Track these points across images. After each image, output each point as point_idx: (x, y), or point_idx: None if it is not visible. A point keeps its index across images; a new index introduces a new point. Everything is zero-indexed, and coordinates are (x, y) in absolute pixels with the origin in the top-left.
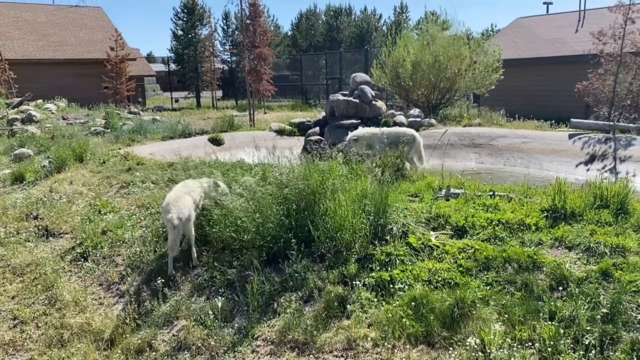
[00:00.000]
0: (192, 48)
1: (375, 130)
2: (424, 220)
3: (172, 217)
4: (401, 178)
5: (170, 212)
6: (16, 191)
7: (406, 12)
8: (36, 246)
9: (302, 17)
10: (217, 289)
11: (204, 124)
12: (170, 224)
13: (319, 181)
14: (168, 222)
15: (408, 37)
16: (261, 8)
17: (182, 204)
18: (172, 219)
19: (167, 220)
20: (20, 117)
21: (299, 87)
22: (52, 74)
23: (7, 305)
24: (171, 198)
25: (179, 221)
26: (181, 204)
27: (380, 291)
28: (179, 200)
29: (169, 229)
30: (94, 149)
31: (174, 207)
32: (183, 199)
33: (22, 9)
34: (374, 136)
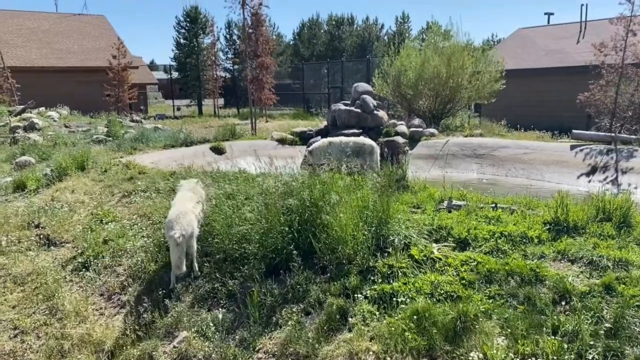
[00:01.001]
0: (195, 56)
1: (334, 139)
2: (426, 232)
3: (175, 235)
4: (403, 189)
5: (173, 229)
6: (18, 199)
7: (408, 22)
8: (37, 255)
9: (304, 26)
10: (219, 301)
11: (206, 132)
12: (173, 241)
13: (320, 192)
14: (171, 239)
15: (410, 47)
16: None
17: (186, 220)
18: (176, 237)
19: (170, 237)
20: (23, 125)
21: (301, 95)
22: (54, 81)
23: (8, 315)
24: (174, 214)
25: (182, 238)
26: (185, 220)
27: (382, 304)
28: (182, 216)
29: (171, 245)
30: (95, 157)
31: (177, 223)
32: (187, 215)
33: (26, 17)
34: (332, 145)
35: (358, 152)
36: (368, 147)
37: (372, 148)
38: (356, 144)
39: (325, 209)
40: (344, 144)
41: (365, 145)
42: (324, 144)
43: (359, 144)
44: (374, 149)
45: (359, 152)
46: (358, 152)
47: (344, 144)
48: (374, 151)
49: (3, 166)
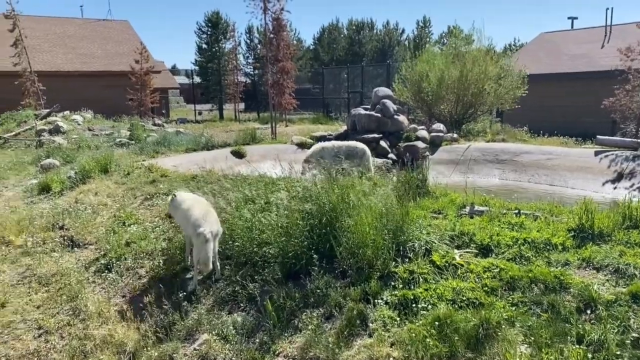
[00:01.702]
0: (216, 61)
1: (327, 144)
2: (448, 238)
3: (205, 231)
4: (423, 194)
5: (202, 226)
6: (43, 201)
7: (429, 26)
8: (61, 256)
9: (325, 31)
10: (239, 304)
11: (227, 136)
12: (202, 237)
13: (340, 196)
14: (200, 236)
15: (431, 51)
16: (284, 22)
17: (212, 218)
18: (205, 232)
19: (200, 234)
20: (48, 128)
21: (321, 100)
22: (79, 85)
23: (33, 315)
24: (201, 213)
25: (210, 235)
26: (211, 218)
27: (403, 309)
28: (208, 214)
29: (199, 243)
30: (118, 160)
31: (205, 221)
32: (211, 213)
33: (53, 22)
34: (324, 150)
35: (350, 155)
36: (360, 151)
37: (364, 151)
38: (348, 148)
39: (345, 213)
40: (337, 148)
41: (358, 148)
42: (317, 149)
43: (351, 147)
44: (366, 152)
45: (351, 155)
46: (350, 155)
47: (336, 148)
48: (366, 154)
49: (29, 168)
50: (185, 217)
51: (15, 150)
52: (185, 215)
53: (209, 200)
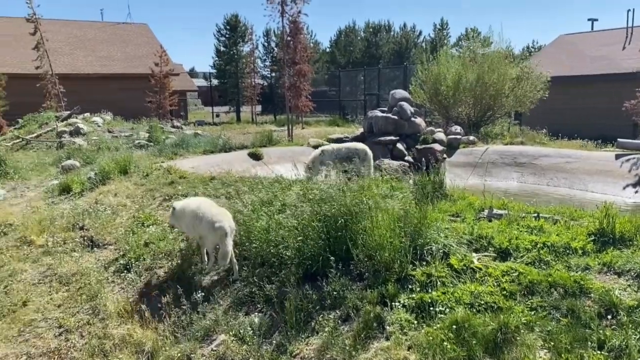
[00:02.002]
0: (234, 64)
1: (327, 148)
2: (466, 241)
3: (224, 225)
4: (441, 197)
5: (220, 221)
6: (63, 202)
7: (446, 28)
8: (81, 256)
9: (341, 33)
10: (256, 305)
11: (244, 138)
12: (222, 231)
13: (356, 199)
14: (219, 231)
15: (448, 53)
16: (302, 25)
17: (228, 216)
18: (225, 226)
19: (219, 228)
20: (69, 130)
21: (337, 102)
22: (99, 88)
23: (53, 314)
24: (216, 211)
25: (229, 229)
26: (227, 216)
27: (420, 313)
28: (223, 213)
29: (218, 237)
30: (137, 161)
31: (223, 217)
32: (226, 212)
33: (74, 26)
34: (325, 154)
35: (352, 157)
36: (361, 152)
37: (365, 152)
38: (349, 150)
39: (362, 215)
40: (337, 151)
41: (358, 149)
42: (318, 154)
43: (351, 149)
44: (367, 153)
45: (352, 157)
46: (352, 157)
47: (336, 151)
48: (367, 155)
49: (50, 169)
50: (197, 219)
51: (36, 151)
52: (196, 217)
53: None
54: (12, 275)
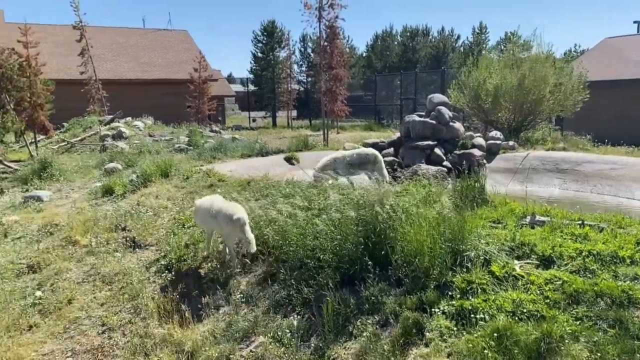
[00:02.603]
0: (270, 69)
1: (337, 154)
2: (507, 248)
3: (241, 216)
4: (481, 203)
5: (237, 213)
6: (106, 203)
7: (486, 32)
8: (124, 256)
9: (378, 38)
10: (294, 307)
11: (280, 143)
12: (241, 222)
13: (394, 203)
14: (237, 222)
15: (488, 57)
16: (338, 30)
17: (242, 208)
18: (242, 218)
19: (237, 220)
20: (111, 134)
21: (372, 107)
22: (140, 93)
23: (97, 312)
24: (231, 206)
25: (245, 219)
26: (241, 208)
27: (460, 320)
28: (237, 206)
29: (237, 228)
30: (178, 165)
31: (237, 209)
32: (239, 205)
33: (117, 32)
34: (337, 161)
35: (363, 162)
36: (372, 156)
37: (376, 157)
38: (360, 155)
39: (400, 220)
40: (348, 157)
41: (369, 155)
42: (329, 161)
43: (362, 154)
44: (378, 157)
45: (363, 162)
46: (363, 162)
47: (348, 157)
48: (378, 159)
49: (93, 172)
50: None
51: (81, 154)
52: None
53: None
54: (57, 274)
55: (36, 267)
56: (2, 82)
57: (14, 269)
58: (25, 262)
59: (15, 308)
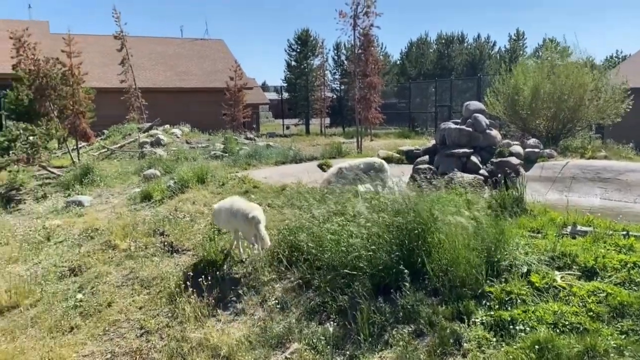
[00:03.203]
0: (304, 77)
1: (343, 164)
2: (547, 259)
3: (257, 215)
4: (520, 212)
5: (252, 212)
6: (145, 208)
7: (523, 39)
8: (161, 261)
9: (412, 45)
10: (329, 315)
11: (313, 150)
12: (256, 220)
13: (429, 211)
14: (253, 220)
15: (525, 64)
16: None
17: (259, 208)
18: (258, 216)
19: (253, 218)
20: (150, 141)
21: (406, 114)
22: (178, 101)
23: (135, 315)
24: (246, 204)
25: (261, 217)
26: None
27: (499, 331)
28: (254, 206)
29: (253, 226)
30: (214, 171)
31: (254, 209)
32: (256, 205)
33: (155, 42)
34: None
35: (369, 171)
36: (379, 165)
37: (382, 165)
38: (367, 164)
39: (436, 228)
40: (355, 166)
41: (376, 163)
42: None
43: (369, 163)
44: (384, 166)
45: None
46: (369, 171)
47: (355, 166)
48: (384, 168)
49: (132, 178)
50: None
51: (120, 160)
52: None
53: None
54: (98, 277)
55: (77, 270)
56: (47, 91)
57: (57, 271)
58: (67, 265)
59: (58, 310)
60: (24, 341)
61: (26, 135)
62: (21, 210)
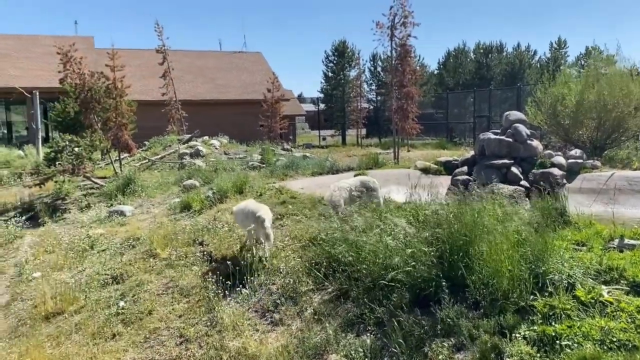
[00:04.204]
0: (341, 88)
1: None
2: (593, 273)
3: (262, 214)
4: (563, 224)
5: (259, 211)
6: (184, 218)
7: (564, 47)
8: (200, 270)
9: (450, 55)
10: (367, 327)
11: (349, 161)
12: (261, 219)
13: (471, 222)
14: (259, 219)
15: (568, 73)
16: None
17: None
18: (262, 215)
19: (258, 217)
20: (189, 152)
21: (444, 125)
22: (216, 113)
23: (175, 323)
24: (256, 206)
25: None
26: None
27: (542, 346)
28: (262, 207)
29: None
30: (251, 182)
31: (261, 209)
32: (265, 207)
33: (195, 56)
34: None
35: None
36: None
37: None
38: (363, 183)
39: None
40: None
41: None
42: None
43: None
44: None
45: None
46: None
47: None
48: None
49: (172, 188)
50: (244, 214)
51: (160, 171)
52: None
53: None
54: (139, 285)
55: (119, 278)
56: (91, 104)
57: (100, 279)
58: (109, 273)
59: (101, 316)
60: (69, 347)
61: (71, 147)
62: (66, 219)
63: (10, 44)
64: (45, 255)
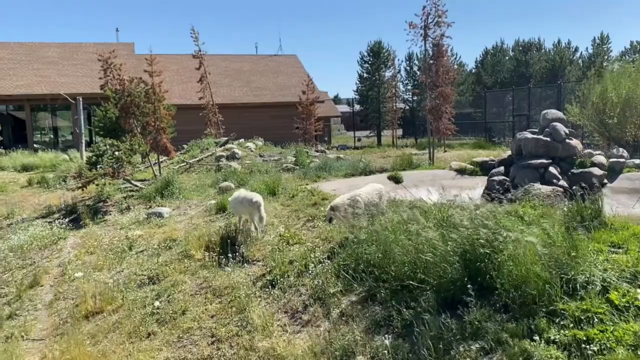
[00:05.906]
0: (376, 89)
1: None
2: (629, 276)
3: (258, 200)
4: (599, 226)
5: (254, 198)
6: (219, 220)
7: (607, 43)
8: (233, 271)
9: (488, 53)
10: (394, 328)
11: (384, 162)
12: (257, 204)
13: (502, 225)
14: (255, 204)
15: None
16: (444, 48)
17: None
18: (259, 201)
19: (255, 202)
20: (226, 154)
21: (482, 124)
22: (252, 115)
23: (207, 323)
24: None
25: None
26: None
27: (573, 351)
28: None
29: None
30: (284, 184)
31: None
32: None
33: (232, 59)
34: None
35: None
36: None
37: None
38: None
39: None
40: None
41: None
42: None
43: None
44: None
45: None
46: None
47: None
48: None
49: (209, 190)
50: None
51: (198, 174)
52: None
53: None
54: (174, 286)
55: (155, 279)
56: (131, 109)
57: (137, 279)
58: (146, 274)
59: (137, 316)
60: (106, 345)
61: (112, 151)
62: (107, 221)
63: (56, 52)
64: (86, 256)
